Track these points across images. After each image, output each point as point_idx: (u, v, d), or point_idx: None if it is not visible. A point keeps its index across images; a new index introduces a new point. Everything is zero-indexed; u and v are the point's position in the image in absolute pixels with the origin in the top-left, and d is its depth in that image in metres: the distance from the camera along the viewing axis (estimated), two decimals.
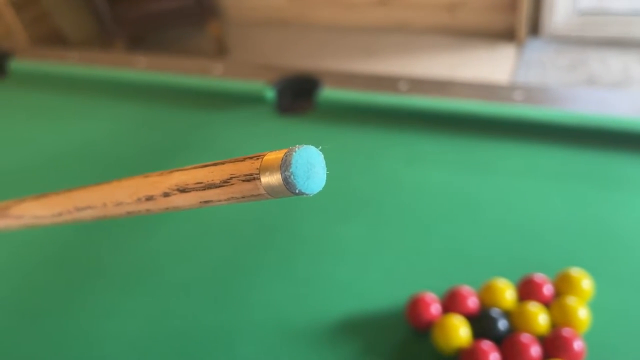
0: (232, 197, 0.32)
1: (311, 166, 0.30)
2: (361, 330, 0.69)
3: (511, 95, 1.02)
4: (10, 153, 1.16)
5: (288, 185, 0.29)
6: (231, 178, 0.31)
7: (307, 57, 2.94)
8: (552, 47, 2.63)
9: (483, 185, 0.89)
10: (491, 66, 2.62)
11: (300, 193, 0.29)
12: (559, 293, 0.70)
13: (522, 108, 0.98)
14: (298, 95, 1.15)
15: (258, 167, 0.30)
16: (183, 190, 0.34)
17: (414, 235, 0.82)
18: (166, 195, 0.36)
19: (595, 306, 0.68)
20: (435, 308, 0.68)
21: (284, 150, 0.30)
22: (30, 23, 3.27)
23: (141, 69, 1.28)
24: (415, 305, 0.68)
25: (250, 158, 0.31)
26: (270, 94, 1.13)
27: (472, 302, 0.69)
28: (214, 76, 1.23)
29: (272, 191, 0.30)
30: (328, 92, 1.10)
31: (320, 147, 0.31)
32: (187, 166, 0.35)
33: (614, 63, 2.43)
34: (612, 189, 0.85)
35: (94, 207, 0.42)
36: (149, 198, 0.37)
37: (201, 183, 0.33)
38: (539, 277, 0.70)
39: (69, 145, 1.15)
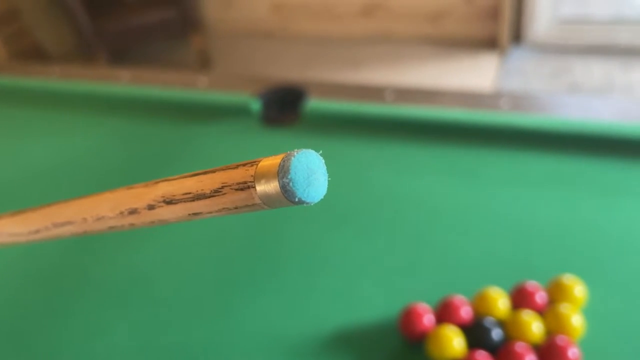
0: (224, 209, 0.30)
1: (311, 172, 0.28)
2: (354, 342, 0.68)
3: (497, 103, 1.02)
4: None
5: (286, 194, 0.27)
6: (223, 187, 0.29)
7: (292, 69, 2.94)
8: (535, 55, 2.65)
9: (472, 193, 0.89)
10: (475, 74, 2.63)
11: (300, 202, 0.27)
12: (552, 300, 0.69)
13: (508, 116, 0.98)
14: (284, 106, 1.15)
15: (253, 174, 0.28)
16: (170, 201, 0.32)
17: (405, 245, 0.81)
18: (151, 207, 0.33)
19: (589, 312, 0.68)
20: (428, 319, 0.67)
21: (281, 155, 0.27)
22: (9, 38, 3.24)
23: (124, 83, 1.27)
24: (408, 316, 0.67)
25: (244, 165, 0.29)
26: (255, 105, 1.13)
27: (465, 312, 0.68)
28: (199, 89, 1.22)
29: (268, 200, 0.27)
30: (314, 103, 1.10)
31: (321, 152, 0.29)
32: (174, 176, 0.33)
33: (597, 70, 2.46)
34: (600, 194, 0.85)
35: (73, 222, 0.40)
36: (133, 211, 0.35)
37: (189, 194, 0.31)
38: (532, 284, 0.70)
39: (51, 162, 1.13)
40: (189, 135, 1.12)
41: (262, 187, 0.27)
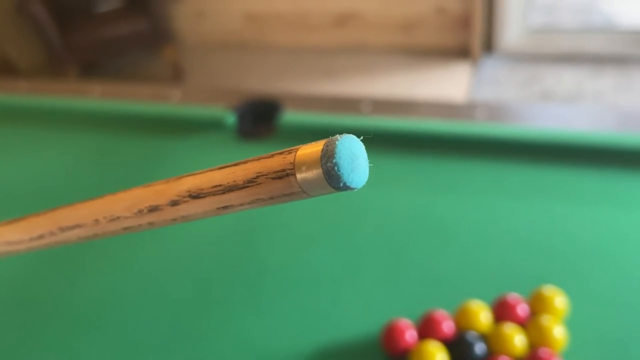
0: (258, 199, 0.29)
1: (355, 157, 0.27)
2: None
3: (473, 113, 1.02)
4: None
5: (331, 179, 0.26)
6: (258, 177, 0.28)
7: (266, 80, 2.93)
8: (507, 63, 2.69)
9: (451, 205, 0.88)
10: (448, 83, 2.66)
11: (345, 187, 0.27)
12: (534, 312, 0.69)
13: (484, 126, 0.98)
14: (259, 119, 1.13)
15: (292, 161, 0.27)
16: (196, 196, 0.31)
17: (385, 259, 0.80)
18: (174, 203, 0.33)
19: (571, 323, 0.68)
20: (410, 335, 0.66)
21: (322, 141, 0.27)
22: None
23: (95, 97, 1.24)
24: (390, 332, 0.66)
25: (280, 153, 0.28)
26: (230, 119, 1.11)
27: (448, 327, 0.67)
28: (172, 103, 1.20)
29: (309, 187, 0.27)
30: (290, 116, 1.08)
31: (362, 138, 0.28)
32: (197, 171, 0.32)
33: (567, 78, 2.50)
34: (577, 203, 0.86)
35: (83, 225, 0.38)
36: (153, 209, 0.34)
37: (220, 186, 0.30)
38: (513, 297, 0.70)
39: (18, 180, 1.10)
40: (162, 151, 1.10)
41: (302, 174, 0.27)
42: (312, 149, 0.27)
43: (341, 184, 0.26)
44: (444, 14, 2.78)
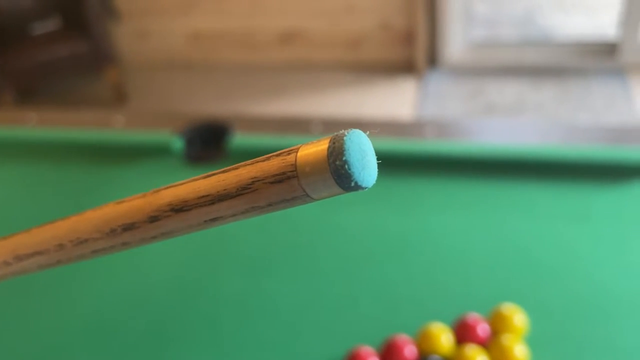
0: (254, 207, 0.26)
1: (364, 153, 0.25)
2: None
3: (422, 131, 1.02)
4: None
5: (340, 179, 0.24)
6: (253, 182, 0.26)
7: (214, 101, 2.89)
8: (451, 77, 2.74)
9: (405, 224, 0.88)
10: (395, 98, 2.69)
11: (356, 187, 0.24)
12: (494, 331, 0.68)
13: (434, 144, 0.98)
14: (207, 143, 1.10)
15: (293, 162, 0.25)
16: (180, 209, 0.28)
17: (343, 285, 0.79)
18: (154, 219, 0.30)
19: (531, 340, 0.68)
20: None
21: (326, 139, 0.24)
22: None
23: (31, 126, 1.18)
24: None
25: (278, 155, 0.26)
26: (177, 143, 1.07)
27: (410, 351, 0.66)
28: (115, 129, 1.15)
29: (314, 190, 0.24)
30: (240, 138, 1.06)
31: (368, 132, 0.26)
32: (179, 181, 0.29)
33: (509, 90, 2.57)
34: (528, 218, 0.86)
35: (44, 251, 0.34)
36: (128, 227, 0.31)
37: (208, 196, 0.27)
38: (473, 317, 0.69)
39: None
40: (106, 180, 1.05)
41: (306, 176, 0.24)
42: (315, 148, 0.25)
43: (352, 184, 0.24)
44: (389, 30, 2.82)
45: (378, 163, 0.27)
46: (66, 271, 0.81)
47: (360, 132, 0.26)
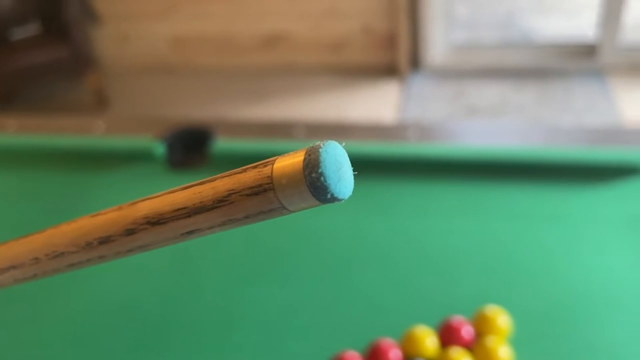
0: (231, 220, 0.26)
1: (340, 165, 0.25)
2: None
3: (405, 134, 1.03)
4: None
5: (316, 191, 0.24)
6: (230, 195, 0.26)
7: (196, 105, 2.88)
8: (433, 80, 2.76)
9: (389, 228, 0.88)
10: (378, 101, 2.70)
11: (332, 199, 0.24)
12: (479, 333, 0.69)
13: (417, 147, 0.98)
14: (190, 148, 1.10)
15: (269, 174, 0.25)
16: (156, 222, 0.28)
17: (326, 289, 0.78)
18: (130, 232, 0.29)
19: (515, 342, 0.68)
20: None
21: (302, 151, 0.24)
22: None
23: (11, 133, 1.17)
24: None
25: (254, 167, 0.26)
26: (159, 149, 1.06)
27: (395, 355, 0.66)
28: (96, 134, 1.14)
29: (290, 202, 0.25)
30: (222, 143, 1.05)
31: (344, 144, 0.26)
32: (156, 193, 0.29)
33: (491, 92, 2.59)
34: (509, 219, 0.87)
35: (20, 265, 0.34)
36: (104, 240, 0.30)
37: (184, 208, 0.27)
38: (457, 320, 0.69)
39: None
40: (87, 187, 1.04)
41: (283, 188, 0.24)
42: (291, 160, 0.25)
43: (328, 196, 0.24)
44: (371, 33, 2.83)
45: (361, 167, 0.27)
46: (45, 283, 0.80)
47: (336, 143, 0.26)
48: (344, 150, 0.26)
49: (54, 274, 0.34)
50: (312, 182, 0.24)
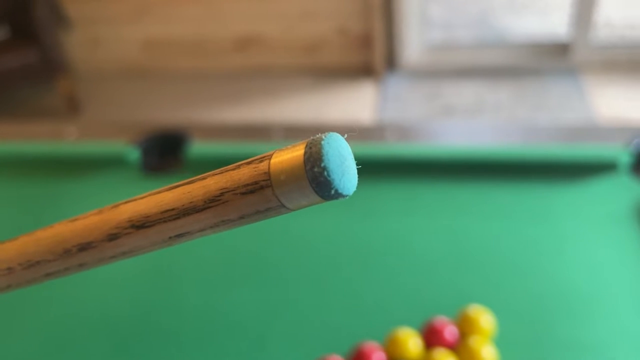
0: (224, 221, 0.24)
1: (343, 158, 0.23)
2: None
3: (383, 135, 1.02)
4: None
5: (319, 187, 0.22)
6: (223, 194, 0.24)
7: (170, 109, 2.84)
8: (409, 80, 2.76)
9: (369, 229, 0.87)
10: (355, 102, 2.69)
11: (337, 195, 0.22)
12: (462, 334, 0.68)
13: (395, 147, 0.98)
14: (165, 152, 1.07)
15: (266, 170, 0.23)
16: (142, 225, 0.26)
17: (309, 293, 0.77)
18: (112, 238, 0.27)
19: (499, 341, 0.68)
20: None
21: (301, 143, 0.22)
22: None
23: None
24: None
25: (249, 163, 0.24)
26: (133, 154, 1.04)
27: (379, 358, 0.65)
28: (68, 140, 1.11)
29: (290, 200, 0.23)
30: (198, 147, 1.03)
31: (346, 136, 0.24)
32: (139, 195, 0.27)
33: (467, 91, 2.60)
34: (491, 218, 0.87)
35: None
36: (84, 247, 0.28)
37: (172, 210, 0.25)
38: (440, 321, 0.69)
39: None
40: (58, 195, 1.01)
41: (281, 185, 0.22)
42: (290, 154, 0.23)
43: (332, 192, 0.22)
44: (346, 34, 2.82)
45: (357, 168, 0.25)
46: (21, 292, 0.78)
47: (338, 135, 0.24)
48: (347, 143, 0.24)
49: (30, 284, 0.32)
50: (315, 178, 0.22)
